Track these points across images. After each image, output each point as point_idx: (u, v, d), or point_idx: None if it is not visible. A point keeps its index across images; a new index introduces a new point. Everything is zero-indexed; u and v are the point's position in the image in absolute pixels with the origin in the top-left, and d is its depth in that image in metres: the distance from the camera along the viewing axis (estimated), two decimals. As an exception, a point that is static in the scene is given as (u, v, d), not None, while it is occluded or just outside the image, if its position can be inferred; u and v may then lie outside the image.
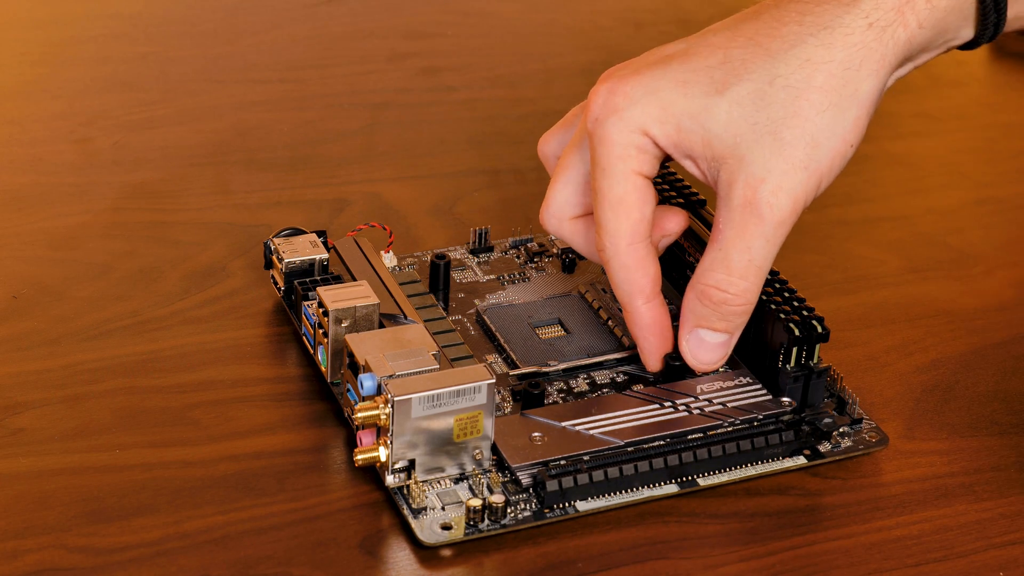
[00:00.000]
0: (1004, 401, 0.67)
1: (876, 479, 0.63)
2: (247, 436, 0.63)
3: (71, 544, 0.58)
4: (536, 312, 0.69)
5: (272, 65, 0.91)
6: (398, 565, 0.58)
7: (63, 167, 0.80)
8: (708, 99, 0.59)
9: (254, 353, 0.68)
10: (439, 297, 0.70)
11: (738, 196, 0.59)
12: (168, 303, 0.70)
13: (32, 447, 0.62)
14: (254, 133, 0.84)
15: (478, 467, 0.61)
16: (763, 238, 0.59)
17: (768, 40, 0.60)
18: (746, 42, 0.60)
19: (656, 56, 0.62)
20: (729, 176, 0.59)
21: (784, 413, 0.63)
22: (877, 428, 0.64)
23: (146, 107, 0.86)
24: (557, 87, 0.90)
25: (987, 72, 0.96)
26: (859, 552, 0.59)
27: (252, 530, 0.59)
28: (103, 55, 0.91)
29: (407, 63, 0.92)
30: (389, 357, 0.60)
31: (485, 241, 0.73)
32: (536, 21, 0.98)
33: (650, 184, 0.61)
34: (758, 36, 0.60)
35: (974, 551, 0.60)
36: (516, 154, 0.84)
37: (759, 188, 0.59)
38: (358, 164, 0.82)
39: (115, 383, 0.65)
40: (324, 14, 0.97)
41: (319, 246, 0.68)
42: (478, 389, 0.59)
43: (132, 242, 0.74)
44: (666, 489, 0.61)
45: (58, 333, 0.68)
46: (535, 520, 0.59)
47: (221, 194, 0.79)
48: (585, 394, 0.65)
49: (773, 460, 0.62)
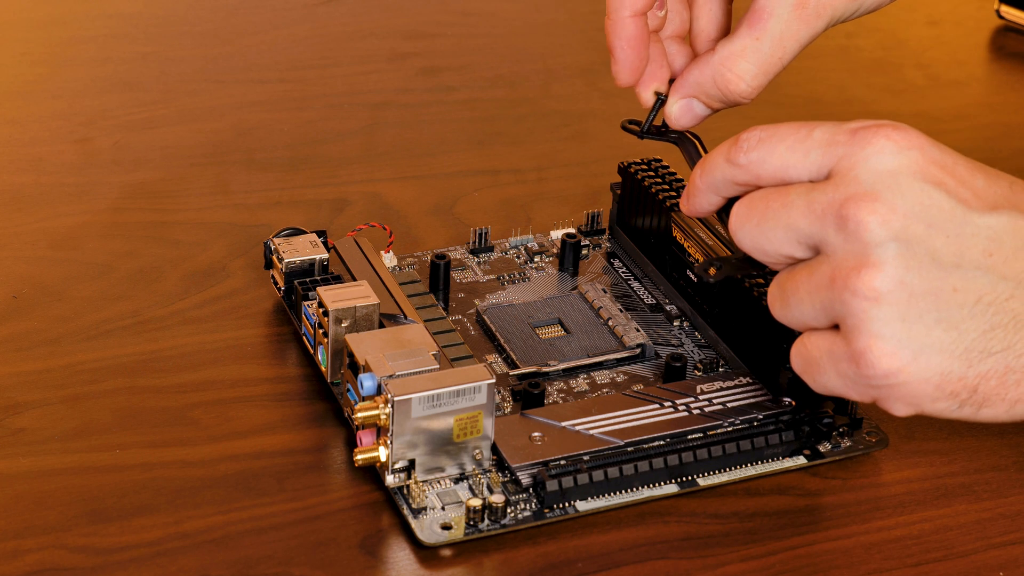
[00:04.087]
0: (1004, 401, 0.67)
1: (876, 479, 0.63)
2: (247, 436, 0.63)
3: (71, 544, 0.58)
4: (536, 312, 0.69)
5: (272, 65, 0.91)
6: (398, 565, 0.58)
7: (63, 167, 0.80)
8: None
9: (254, 353, 0.68)
10: (439, 297, 0.70)
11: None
12: (168, 303, 0.70)
13: (32, 447, 0.62)
14: (254, 133, 0.84)
15: (478, 467, 0.61)
16: (799, 43, 0.58)
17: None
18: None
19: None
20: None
21: (784, 413, 0.63)
22: (877, 428, 0.64)
23: (146, 107, 0.86)
24: (557, 87, 0.90)
25: (987, 72, 0.96)
26: (859, 552, 0.59)
27: (252, 530, 0.59)
28: (103, 55, 0.91)
29: (407, 63, 0.92)
30: (389, 357, 0.60)
31: (485, 241, 0.73)
32: (536, 21, 0.98)
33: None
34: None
35: (974, 551, 0.60)
36: (516, 154, 0.84)
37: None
38: (358, 164, 0.82)
39: (115, 383, 0.65)
40: (324, 14, 0.97)
41: (319, 246, 0.68)
42: (478, 389, 0.59)
43: (132, 242, 0.74)
44: (666, 489, 0.61)
45: (58, 333, 0.68)
46: (535, 520, 0.59)
47: (221, 194, 0.79)
48: (585, 394, 0.65)
49: (773, 460, 0.62)
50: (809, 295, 0.56)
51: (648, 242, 0.72)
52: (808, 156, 0.57)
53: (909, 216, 0.55)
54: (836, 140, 0.56)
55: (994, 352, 0.55)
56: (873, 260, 0.54)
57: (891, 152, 0.55)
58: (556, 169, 0.82)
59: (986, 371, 0.55)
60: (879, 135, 0.56)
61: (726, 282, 0.66)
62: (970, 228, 0.55)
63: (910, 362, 0.55)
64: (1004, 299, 0.55)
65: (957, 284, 0.55)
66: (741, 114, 0.67)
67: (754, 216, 0.57)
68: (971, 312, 0.55)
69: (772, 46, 0.58)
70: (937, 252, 0.55)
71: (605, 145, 0.84)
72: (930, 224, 0.55)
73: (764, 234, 0.57)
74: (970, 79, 0.94)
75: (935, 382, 0.55)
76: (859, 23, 0.99)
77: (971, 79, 0.94)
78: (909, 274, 0.55)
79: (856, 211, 0.55)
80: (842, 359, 0.56)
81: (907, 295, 0.55)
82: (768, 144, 0.57)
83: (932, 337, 0.55)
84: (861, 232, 0.55)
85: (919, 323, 0.55)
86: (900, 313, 0.55)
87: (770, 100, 0.87)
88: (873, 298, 0.54)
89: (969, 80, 0.94)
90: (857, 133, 0.56)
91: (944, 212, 0.55)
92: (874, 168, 0.55)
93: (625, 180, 0.73)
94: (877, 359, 0.55)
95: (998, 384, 0.56)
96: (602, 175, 0.78)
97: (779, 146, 0.57)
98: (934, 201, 0.55)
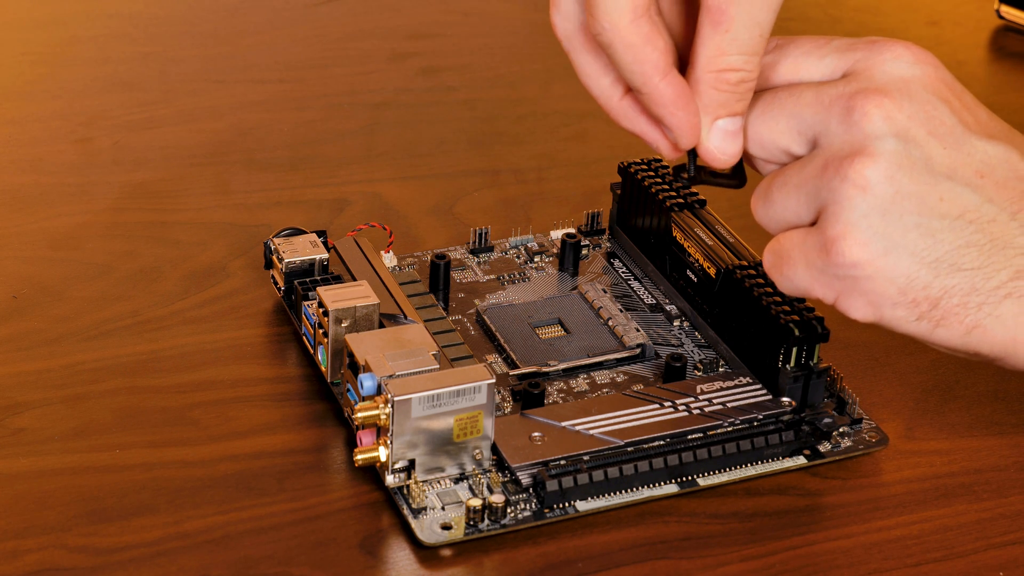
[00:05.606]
0: (1004, 401, 0.67)
1: (876, 479, 0.63)
2: (247, 436, 0.63)
3: (71, 544, 0.58)
4: (536, 312, 0.69)
5: (272, 65, 0.91)
6: (398, 565, 0.58)
7: (63, 167, 0.80)
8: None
9: (254, 353, 0.68)
10: (439, 297, 0.70)
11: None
12: (168, 303, 0.70)
13: (32, 447, 0.62)
14: (254, 133, 0.84)
15: (478, 467, 0.61)
16: (769, 8, 0.58)
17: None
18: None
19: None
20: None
21: (784, 413, 0.63)
22: (877, 428, 0.64)
23: (146, 107, 0.86)
24: (557, 87, 0.90)
25: (987, 72, 0.96)
26: (859, 552, 0.59)
27: (252, 530, 0.59)
28: (103, 55, 0.91)
29: (407, 63, 0.92)
30: (389, 357, 0.60)
31: (485, 241, 0.73)
32: (536, 21, 0.98)
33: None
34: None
35: (974, 551, 0.60)
36: (516, 154, 0.84)
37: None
38: (358, 164, 0.82)
39: (115, 383, 0.65)
40: (324, 14, 0.97)
41: (319, 246, 0.68)
42: (478, 389, 0.59)
43: (132, 242, 0.74)
44: (666, 489, 0.61)
45: (58, 333, 0.68)
46: (535, 520, 0.59)
47: (221, 194, 0.79)
48: (585, 394, 0.65)
49: (773, 460, 0.62)
50: (797, 187, 0.57)
51: (648, 242, 0.72)
52: (823, 60, 0.59)
53: (913, 118, 0.56)
54: (854, 47, 0.58)
55: (964, 268, 0.56)
56: (870, 150, 0.56)
57: (908, 61, 0.58)
58: (556, 169, 0.82)
59: (951, 286, 0.56)
60: (898, 45, 0.58)
61: (727, 282, 0.66)
62: (967, 147, 0.57)
63: (879, 256, 0.56)
64: (986, 220, 0.56)
65: (944, 194, 0.56)
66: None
67: (761, 104, 0.58)
68: (952, 224, 0.56)
69: (746, 26, 0.57)
70: (932, 159, 0.56)
71: (605, 145, 0.84)
72: (931, 132, 0.57)
73: (767, 123, 0.58)
74: (970, 79, 0.94)
75: (899, 284, 0.56)
76: (859, 23, 0.99)
77: (971, 79, 0.94)
78: (900, 172, 0.56)
79: (864, 102, 0.56)
80: (813, 248, 0.57)
81: (894, 191, 0.56)
82: (784, 48, 0.59)
83: (907, 239, 0.56)
84: (864, 122, 0.56)
85: (898, 222, 0.56)
86: (882, 207, 0.56)
87: (770, 100, 0.88)
88: (861, 186, 0.56)
89: (969, 80, 0.94)
90: (876, 42, 0.58)
91: (946, 126, 0.57)
92: (889, 71, 0.57)
93: (625, 180, 0.73)
94: (849, 247, 0.56)
95: (959, 303, 0.56)
96: (602, 175, 0.78)
97: (795, 50, 0.59)
98: (939, 113, 0.57)
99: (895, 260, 0.56)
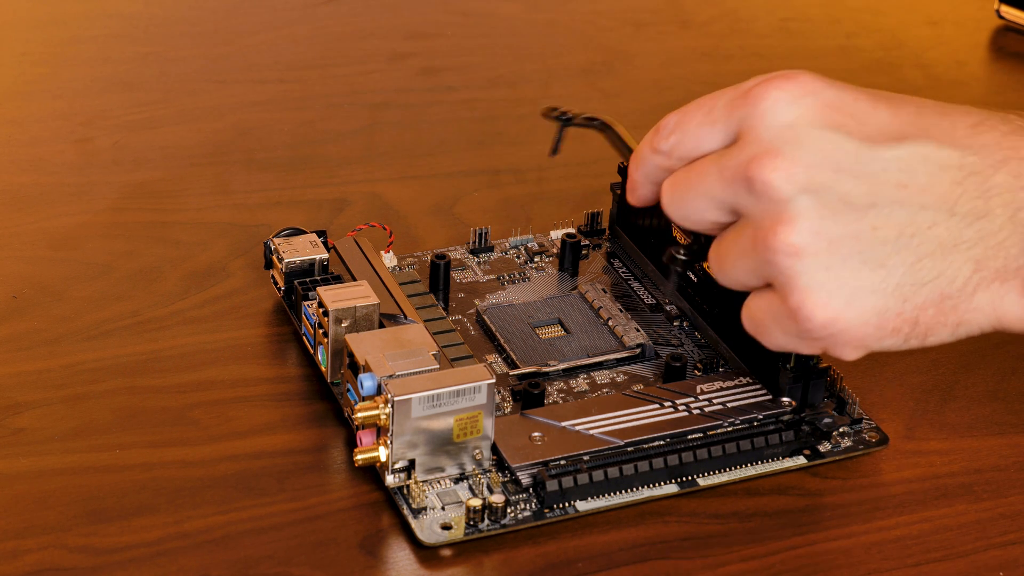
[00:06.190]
0: (1004, 401, 0.67)
1: (876, 479, 0.63)
2: (247, 436, 0.63)
3: (71, 544, 0.58)
4: (536, 312, 0.69)
5: (272, 65, 0.91)
6: (398, 565, 0.58)
7: (63, 167, 0.80)
8: None
9: (254, 353, 0.68)
10: (439, 297, 0.70)
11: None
12: (168, 303, 0.70)
13: (32, 447, 0.62)
14: (254, 133, 0.84)
15: (478, 467, 0.61)
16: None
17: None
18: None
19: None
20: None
21: (784, 413, 0.63)
22: (877, 428, 0.64)
23: (146, 107, 0.86)
24: (557, 87, 0.90)
25: (987, 72, 0.96)
26: (859, 552, 0.59)
27: (252, 530, 0.59)
28: (103, 55, 0.91)
29: (407, 63, 0.92)
30: (389, 357, 0.60)
31: (485, 241, 0.73)
32: (536, 21, 0.98)
33: None
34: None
35: (974, 551, 0.60)
36: (516, 154, 0.84)
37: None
38: (358, 164, 0.82)
39: (115, 383, 0.65)
40: (324, 14, 0.97)
41: (319, 246, 0.68)
42: (478, 389, 0.59)
43: (132, 242, 0.74)
44: (666, 489, 0.61)
45: (58, 333, 0.68)
46: (535, 520, 0.59)
47: (221, 194, 0.79)
48: (585, 394, 0.65)
49: (773, 460, 0.62)
50: (738, 259, 0.57)
51: (648, 242, 0.72)
52: (715, 127, 0.58)
53: (813, 166, 0.55)
54: (736, 104, 0.57)
55: (926, 282, 0.56)
56: (786, 216, 0.55)
57: (785, 103, 0.56)
58: (556, 169, 0.82)
59: (922, 302, 0.56)
60: (770, 89, 0.56)
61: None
62: (879, 164, 0.56)
63: (844, 308, 0.56)
64: (926, 228, 0.56)
65: (875, 222, 0.56)
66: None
67: (677, 190, 0.58)
68: (895, 247, 0.56)
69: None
70: (849, 195, 0.55)
71: (605, 145, 0.84)
72: (836, 169, 0.55)
73: (687, 205, 0.58)
74: (970, 79, 0.94)
75: (874, 323, 0.56)
76: (859, 23, 0.99)
77: (971, 79, 0.94)
78: (824, 223, 0.55)
79: (759, 171, 0.55)
80: (782, 317, 0.57)
81: (826, 243, 0.55)
82: (682, 125, 0.59)
83: (861, 279, 0.56)
84: (768, 192, 0.55)
85: (845, 268, 0.55)
86: (824, 262, 0.55)
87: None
88: (793, 253, 0.55)
89: (969, 80, 0.94)
90: (750, 92, 0.57)
91: (849, 154, 0.56)
92: (771, 124, 0.56)
93: (625, 180, 0.73)
94: (812, 312, 0.56)
95: (936, 312, 0.56)
96: (602, 175, 0.78)
97: (691, 124, 0.59)
98: (836, 145, 0.56)
99: (860, 304, 0.56)
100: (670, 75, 0.92)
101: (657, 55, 0.94)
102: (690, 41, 0.96)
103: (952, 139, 0.56)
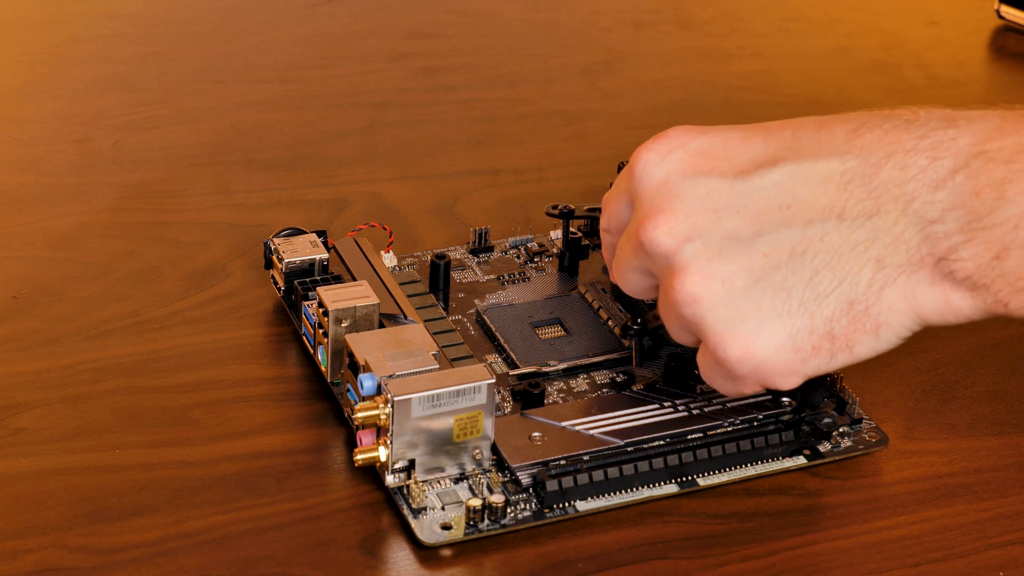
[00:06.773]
0: (1004, 401, 0.67)
1: (876, 479, 0.63)
2: (247, 436, 0.63)
3: (71, 544, 0.58)
4: (536, 312, 0.69)
5: (272, 65, 0.91)
6: (398, 565, 0.58)
7: (63, 167, 0.80)
8: None
9: (254, 353, 0.68)
10: (439, 297, 0.70)
11: None
12: (168, 303, 0.70)
13: (32, 447, 0.62)
14: (254, 133, 0.84)
15: (478, 467, 0.61)
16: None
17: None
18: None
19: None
20: None
21: (784, 413, 0.63)
22: (877, 428, 0.64)
23: (146, 107, 0.86)
24: (557, 87, 0.90)
25: (987, 72, 0.96)
26: (859, 552, 0.59)
27: (252, 530, 0.59)
28: (103, 55, 0.91)
29: (407, 63, 0.92)
30: (389, 357, 0.60)
31: (485, 241, 0.73)
32: (536, 21, 0.98)
33: None
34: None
35: (974, 551, 0.60)
36: (516, 154, 0.84)
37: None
38: (358, 164, 0.82)
39: (115, 383, 0.65)
40: (324, 14, 0.97)
41: (319, 246, 0.68)
42: (478, 389, 0.59)
43: (132, 242, 0.74)
44: (666, 489, 0.61)
45: (58, 333, 0.68)
46: (535, 520, 0.59)
47: (221, 194, 0.79)
48: (585, 394, 0.65)
49: (773, 460, 0.62)
50: (668, 319, 0.59)
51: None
52: (621, 200, 0.61)
53: (692, 214, 0.57)
54: (624, 174, 0.60)
55: (828, 293, 0.56)
56: (676, 267, 0.57)
57: (655, 163, 0.58)
58: (556, 169, 0.82)
59: (830, 314, 0.56)
60: (643, 152, 0.59)
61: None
62: (756, 193, 0.57)
63: (753, 339, 0.57)
64: (818, 240, 0.56)
65: (765, 249, 0.56)
66: (742, 115, 0.67)
67: (615, 267, 0.61)
68: (790, 268, 0.56)
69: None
70: (733, 231, 0.57)
71: (605, 145, 0.84)
72: (714, 210, 0.57)
73: (622, 279, 0.61)
74: (970, 79, 0.94)
75: (790, 346, 0.57)
76: (859, 23, 0.99)
77: (971, 79, 0.94)
78: (712, 264, 0.56)
79: (645, 232, 0.58)
80: (713, 367, 0.58)
81: (720, 283, 0.56)
82: (607, 203, 0.62)
83: (763, 308, 0.56)
84: (655, 249, 0.57)
85: (745, 301, 0.56)
86: (723, 301, 0.56)
87: (771, 100, 0.88)
88: (693, 302, 0.57)
89: (969, 80, 0.94)
90: (631, 160, 0.60)
91: (724, 192, 0.57)
92: (647, 186, 0.58)
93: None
94: (726, 352, 0.57)
95: (850, 321, 0.56)
96: (602, 175, 0.78)
97: (611, 201, 0.62)
98: (710, 188, 0.57)
99: (769, 333, 0.57)
100: (670, 75, 0.92)
101: (657, 55, 0.94)
102: (690, 41, 0.96)
103: (829, 149, 0.57)
